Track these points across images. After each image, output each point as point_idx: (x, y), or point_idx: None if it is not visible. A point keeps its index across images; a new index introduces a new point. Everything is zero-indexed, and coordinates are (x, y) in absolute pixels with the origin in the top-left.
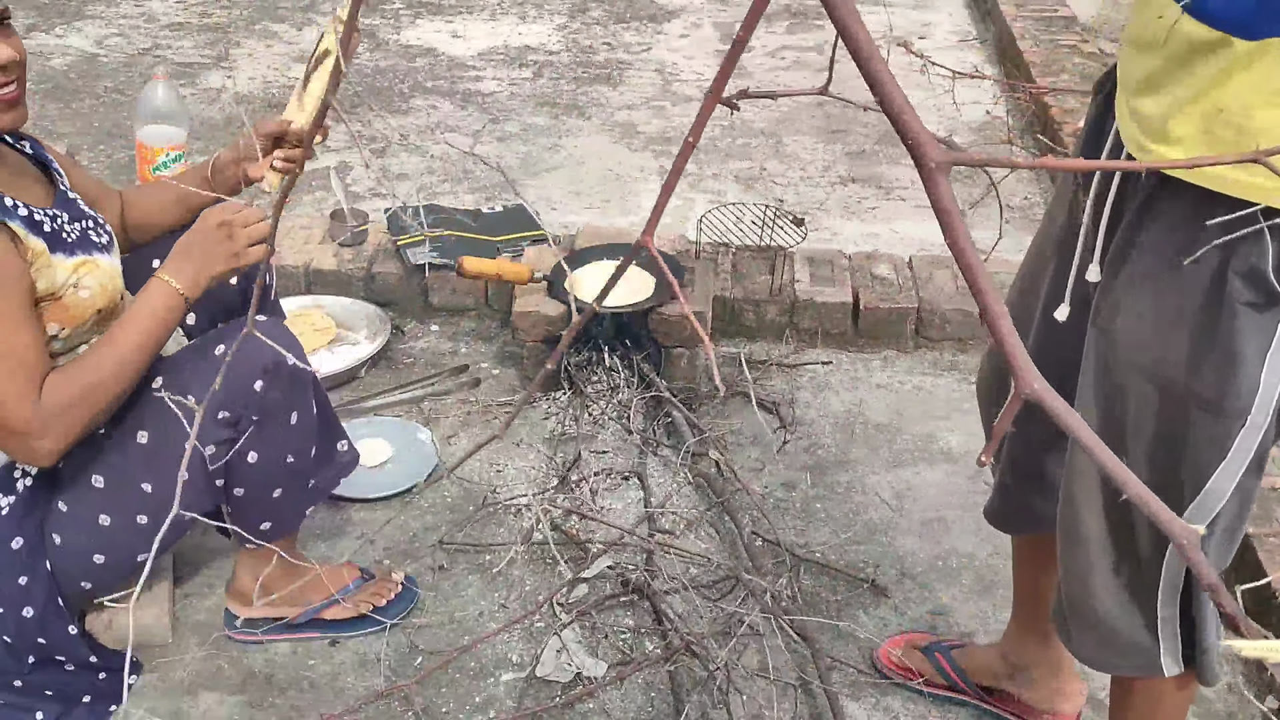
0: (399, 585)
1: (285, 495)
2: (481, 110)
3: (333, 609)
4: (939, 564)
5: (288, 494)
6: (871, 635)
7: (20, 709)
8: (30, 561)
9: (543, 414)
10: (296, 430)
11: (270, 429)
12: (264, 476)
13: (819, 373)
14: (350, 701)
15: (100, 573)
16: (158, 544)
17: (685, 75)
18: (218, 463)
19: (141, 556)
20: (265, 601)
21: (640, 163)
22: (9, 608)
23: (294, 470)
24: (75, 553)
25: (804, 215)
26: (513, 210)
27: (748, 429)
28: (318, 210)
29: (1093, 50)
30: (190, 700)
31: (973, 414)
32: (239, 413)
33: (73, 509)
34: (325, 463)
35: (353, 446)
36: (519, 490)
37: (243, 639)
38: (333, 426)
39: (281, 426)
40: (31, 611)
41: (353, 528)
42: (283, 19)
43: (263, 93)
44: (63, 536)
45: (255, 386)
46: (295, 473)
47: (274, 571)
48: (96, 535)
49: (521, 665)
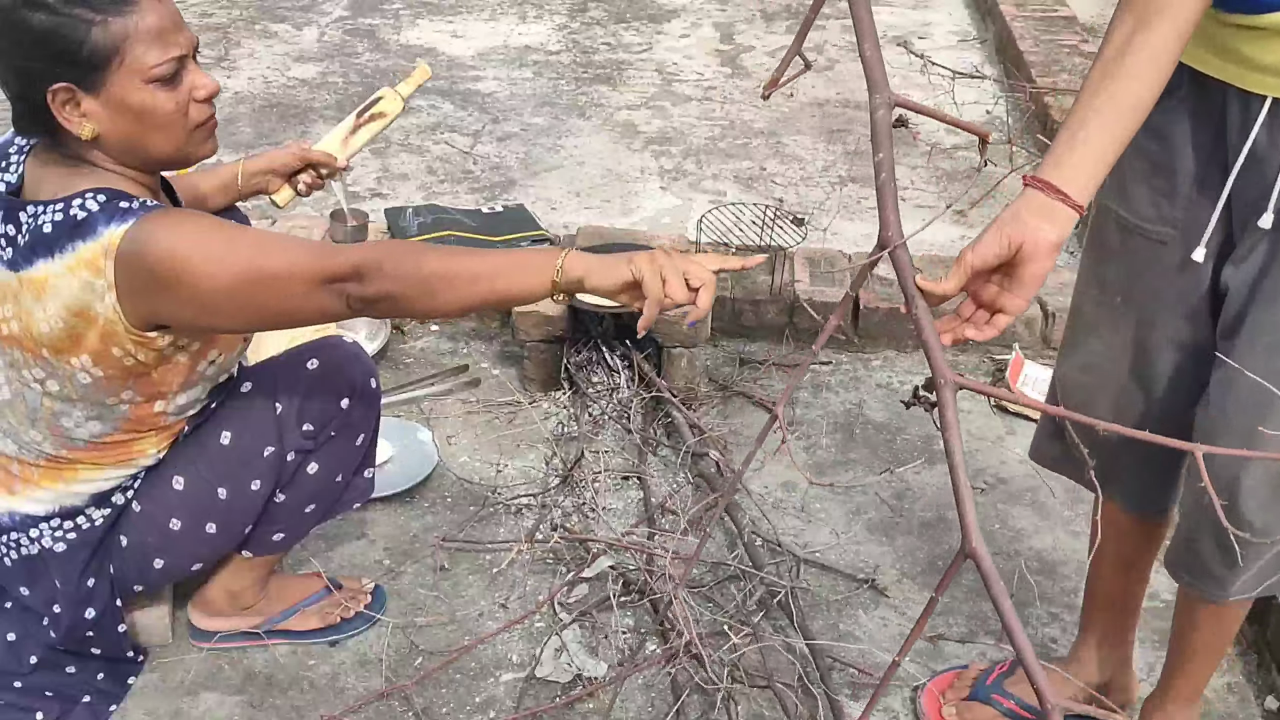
0: (368, 595)
1: (314, 510)
2: (481, 110)
3: (299, 619)
4: (939, 564)
5: (316, 510)
6: (872, 635)
7: (20, 709)
8: (100, 564)
9: (543, 414)
10: (357, 451)
11: (339, 445)
12: (313, 488)
13: (819, 373)
14: (350, 701)
15: (156, 577)
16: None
17: (685, 75)
18: (290, 470)
19: (197, 565)
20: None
21: (640, 163)
22: (69, 607)
23: (335, 489)
24: (138, 555)
25: (804, 215)
26: (513, 210)
27: (748, 429)
28: (318, 210)
29: (1093, 50)
30: (190, 700)
31: (972, 414)
32: (322, 427)
33: (146, 509)
34: (350, 485)
35: (374, 477)
36: (519, 490)
37: (212, 647)
38: (371, 455)
39: (348, 445)
40: (93, 613)
41: (353, 528)
42: (283, 19)
43: (263, 93)
44: (130, 538)
45: (342, 404)
46: (334, 490)
47: (245, 580)
48: (164, 538)
49: (521, 665)
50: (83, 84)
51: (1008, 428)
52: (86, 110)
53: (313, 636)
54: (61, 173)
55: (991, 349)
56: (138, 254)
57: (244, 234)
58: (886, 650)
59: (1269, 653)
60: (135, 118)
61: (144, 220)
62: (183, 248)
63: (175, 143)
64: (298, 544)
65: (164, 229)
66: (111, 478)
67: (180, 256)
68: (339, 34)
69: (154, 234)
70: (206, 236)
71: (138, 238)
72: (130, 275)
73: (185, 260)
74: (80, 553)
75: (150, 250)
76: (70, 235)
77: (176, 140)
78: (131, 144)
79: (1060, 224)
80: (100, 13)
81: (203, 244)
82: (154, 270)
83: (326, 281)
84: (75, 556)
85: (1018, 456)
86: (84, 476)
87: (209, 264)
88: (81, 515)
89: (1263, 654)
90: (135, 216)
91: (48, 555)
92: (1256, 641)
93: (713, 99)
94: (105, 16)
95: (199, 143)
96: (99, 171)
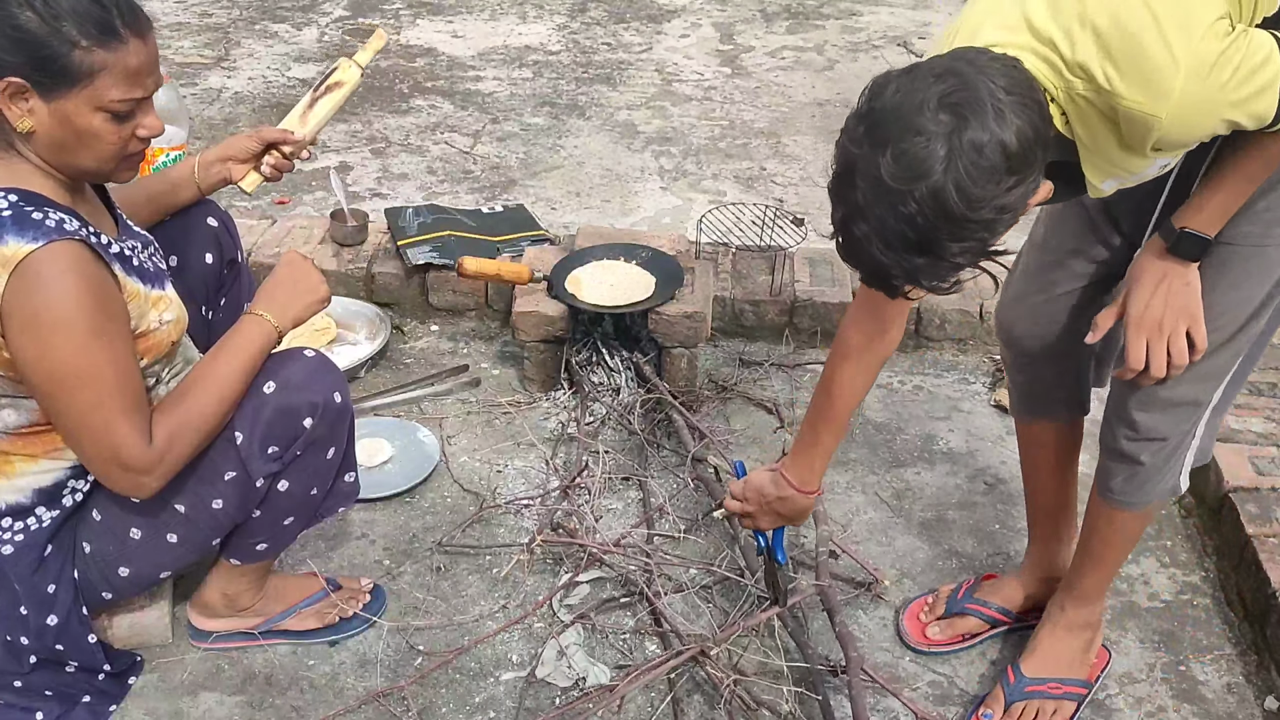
0: (367, 595)
1: (294, 522)
2: (481, 110)
3: (297, 620)
4: (939, 564)
5: (296, 521)
6: (872, 635)
7: (20, 709)
8: (59, 569)
9: (543, 414)
10: (329, 464)
11: (308, 461)
12: (287, 504)
13: (819, 373)
14: (349, 702)
15: (123, 584)
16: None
17: (685, 75)
18: (260, 494)
19: (165, 573)
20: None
21: (640, 163)
22: (35, 611)
23: (313, 500)
24: (102, 562)
25: (804, 215)
26: (513, 210)
27: (748, 429)
28: (318, 210)
29: None
30: (190, 700)
31: (972, 414)
32: (287, 447)
33: (106, 518)
34: (331, 492)
35: (358, 478)
36: (519, 490)
37: (211, 647)
38: (350, 458)
39: (318, 460)
40: (55, 619)
41: (353, 528)
42: (283, 19)
43: (263, 93)
44: (92, 545)
45: (305, 423)
46: (312, 502)
47: (239, 584)
48: (125, 547)
49: (521, 666)
50: (40, 88)
51: (1008, 428)
52: (33, 109)
53: (312, 637)
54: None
55: (991, 349)
56: (28, 284)
57: (107, 345)
58: (886, 650)
59: (1269, 653)
60: (75, 134)
61: (51, 250)
62: (56, 309)
63: (100, 165)
64: (291, 547)
65: (58, 279)
66: (48, 469)
67: (47, 314)
68: (339, 34)
69: (51, 276)
70: (77, 317)
71: (39, 270)
72: (12, 296)
73: (49, 323)
74: (29, 554)
75: (36, 290)
76: None
77: (102, 164)
78: (60, 151)
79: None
80: (89, 40)
81: (67, 321)
82: (25, 306)
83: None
84: (24, 558)
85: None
86: (20, 470)
87: (56, 337)
88: (31, 516)
89: (1263, 654)
90: (44, 238)
91: (0, 558)
92: (1256, 641)
93: (713, 99)
94: (92, 45)
95: (121, 169)
96: (20, 164)
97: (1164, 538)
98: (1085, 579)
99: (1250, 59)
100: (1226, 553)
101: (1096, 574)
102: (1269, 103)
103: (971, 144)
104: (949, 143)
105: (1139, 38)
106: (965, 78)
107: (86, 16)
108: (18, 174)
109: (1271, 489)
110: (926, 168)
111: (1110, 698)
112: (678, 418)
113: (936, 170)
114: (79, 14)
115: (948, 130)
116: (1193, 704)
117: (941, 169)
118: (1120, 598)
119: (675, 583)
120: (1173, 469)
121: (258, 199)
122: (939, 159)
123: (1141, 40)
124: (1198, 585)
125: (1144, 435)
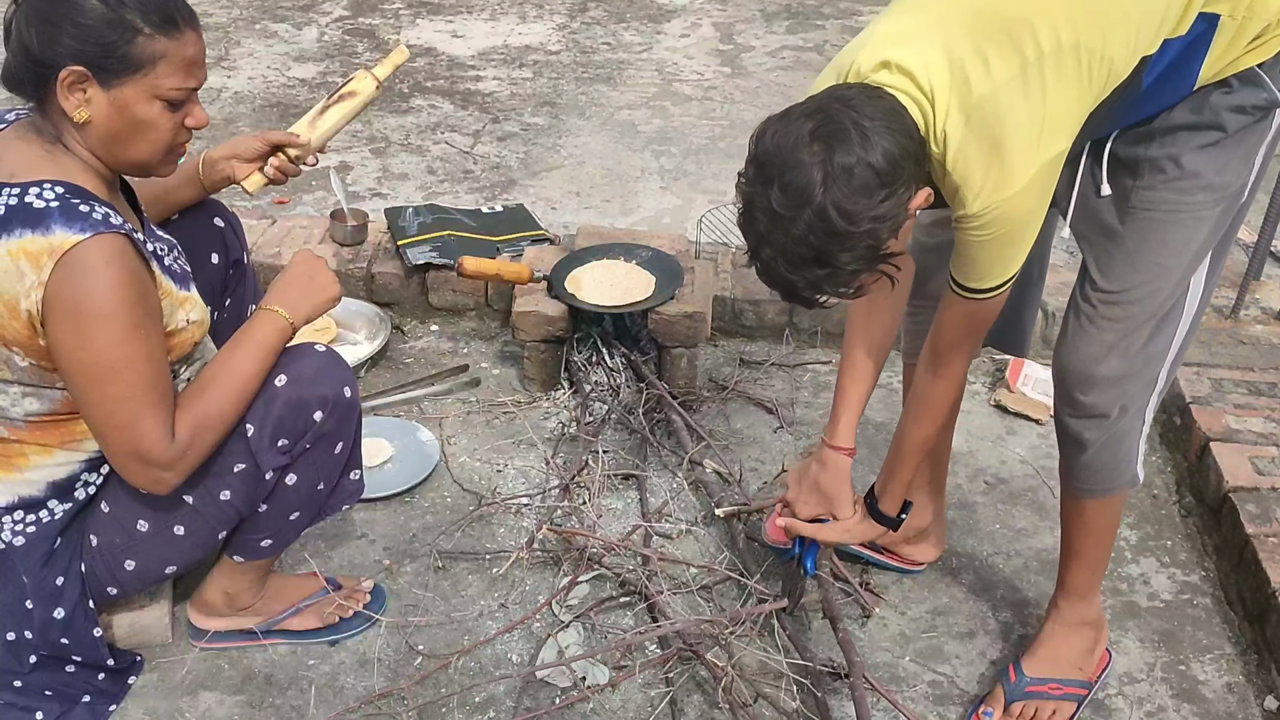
0: (367, 595)
1: (299, 517)
2: (481, 110)
3: (297, 619)
4: (939, 564)
5: (301, 516)
6: (871, 635)
7: (20, 709)
8: (68, 562)
9: (543, 414)
10: (336, 459)
11: (316, 455)
12: (294, 499)
13: (819, 373)
14: (349, 701)
15: (129, 579)
16: (187, 559)
17: (685, 75)
18: (268, 488)
19: (170, 568)
20: (232, 612)
21: (640, 163)
22: (41, 605)
23: (318, 496)
24: (109, 555)
25: None
26: (513, 210)
27: (748, 429)
28: (318, 210)
29: None
30: (190, 700)
31: (972, 414)
32: (296, 441)
33: (114, 510)
34: (337, 489)
35: (363, 476)
36: (519, 489)
37: (210, 646)
38: (356, 455)
39: (326, 454)
40: (61, 612)
41: (353, 528)
42: (283, 19)
43: (263, 92)
44: (100, 537)
45: (315, 417)
46: (318, 497)
47: (241, 582)
48: (132, 539)
49: (521, 665)
50: (100, 76)
51: (1008, 428)
52: (90, 98)
53: (312, 636)
54: (28, 151)
55: (991, 349)
56: (73, 274)
57: (144, 340)
58: (886, 651)
59: (1269, 653)
60: (131, 123)
61: (98, 242)
62: (98, 300)
63: (152, 155)
64: (291, 547)
65: (102, 270)
66: (63, 462)
67: (89, 303)
68: (339, 34)
69: (96, 267)
70: (119, 309)
71: (85, 261)
72: (56, 285)
73: (90, 313)
74: (40, 546)
75: (81, 280)
76: (22, 221)
77: (153, 154)
78: (112, 143)
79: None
80: (152, 28)
81: (109, 312)
82: (69, 296)
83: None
84: (35, 550)
85: (1018, 456)
86: (35, 462)
87: (95, 328)
88: (43, 509)
89: (1263, 654)
90: (91, 230)
91: (10, 550)
92: (1256, 641)
93: (713, 99)
94: (155, 33)
95: (166, 162)
96: (66, 158)
97: (1164, 538)
98: (1073, 575)
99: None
100: (1226, 552)
101: (1082, 569)
102: (999, 275)
103: (842, 167)
104: (823, 169)
105: (1005, 143)
106: (830, 113)
107: (149, 5)
108: (64, 168)
109: (1271, 489)
110: (809, 194)
111: (1110, 697)
112: (676, 419)
113: (817, 194)
114: (143, 2)
115: (820, 159)
116: (1193, 704)
117: (820, 192)
118: (1120, 598)
119: (675, 582)
120: (1126, 455)
121: (257, 199)
122: (817, 184)
123: (1006, 145)
124: (1198, 585)
125: (1085, 413)
